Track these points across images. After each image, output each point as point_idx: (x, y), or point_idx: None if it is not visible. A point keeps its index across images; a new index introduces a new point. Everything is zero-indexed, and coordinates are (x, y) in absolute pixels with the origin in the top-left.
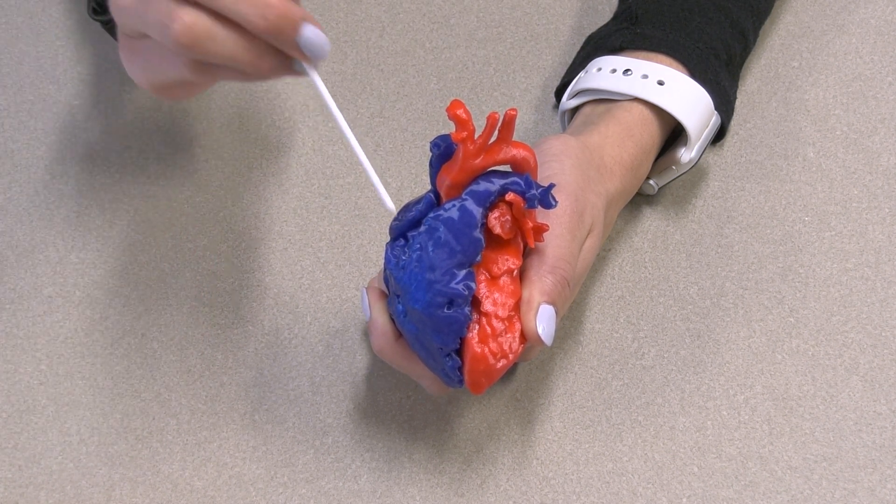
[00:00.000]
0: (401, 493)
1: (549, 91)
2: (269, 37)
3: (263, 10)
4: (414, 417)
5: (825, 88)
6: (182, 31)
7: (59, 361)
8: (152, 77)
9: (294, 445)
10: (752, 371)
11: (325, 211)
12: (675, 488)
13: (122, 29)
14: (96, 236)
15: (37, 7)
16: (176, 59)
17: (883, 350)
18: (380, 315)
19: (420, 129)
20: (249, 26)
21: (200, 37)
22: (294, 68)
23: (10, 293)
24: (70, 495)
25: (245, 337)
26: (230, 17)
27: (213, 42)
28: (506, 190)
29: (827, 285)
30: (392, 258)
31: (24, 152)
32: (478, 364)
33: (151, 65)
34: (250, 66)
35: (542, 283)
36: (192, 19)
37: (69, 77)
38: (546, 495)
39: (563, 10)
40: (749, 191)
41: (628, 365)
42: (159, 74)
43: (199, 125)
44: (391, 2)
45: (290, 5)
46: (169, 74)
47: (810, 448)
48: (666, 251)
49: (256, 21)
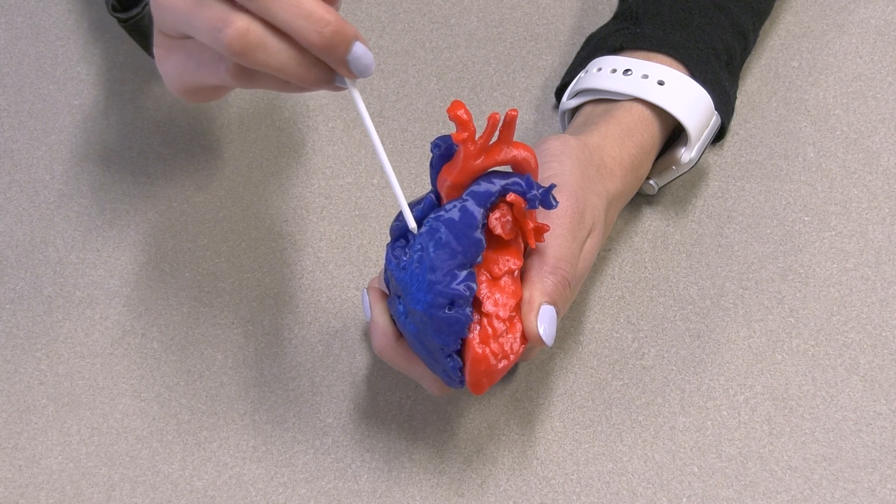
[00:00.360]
0: (401, 493)
1: (549, 91)
2: (320, 52)
3: (319, 26)
4: (414, 417)
5: (825, 88)
6: (235, 37)
7: (59, 361)
8: (187, 79)
9: (294, 445)
10: (752, 371)
11: (325, 211)
12: (675, 488)
13: (162, 27)
14: (96, 236)
15: (37, 7)
16: (218, 63)
17: (883, 350)
18: (380, 316)
19: (420, 129)
20: (303, 40)
21: (252, 44)
22: (335, 83)
23: (10, 293)
24: (70, 495)
25: (245, 337)
26: (284, 29)
27: (263, 51)
28: (506, 190)
29: (827, 285)
30: (393, 259)
31: (24, 152)
32: (479, 365)
33: (189, 67)
34: (296, 78)
35: (543, 284)
36: (246, 26)
37: (69, 77)
38: (546, 495)
39: (563, 10)
40: (749, 191)
41: (628, 365)
42: (196, 77)
43: (199, 125)
44: (391, 2)
45: (344, 23)
46: (207, 78)
47: (810, 448)
48: (666, 251)
49: (311, 36)
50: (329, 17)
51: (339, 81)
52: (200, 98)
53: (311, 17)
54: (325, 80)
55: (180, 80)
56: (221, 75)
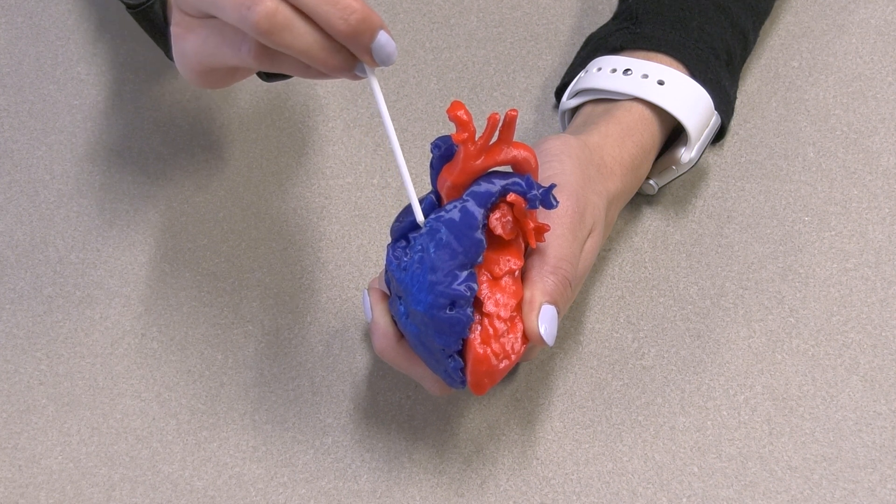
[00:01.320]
0: (401, 493)
1: (549, 91)
2: (346, 39)
3: (346, 14)
4: (414, 417)
5: (825, 88)
6: (263, 17)
7: (59, 361)
8: (206, 59)
9: (294, 445)
10: (752, 371)
11: (325, 211)
12: (675, 488)
13: (184, 6)
14: (96, 236)
15: (37, 7)
16: (241, 43)
17: (883, 350)
18: (381, 316)
19: (420, 129)
20: (329, 27)
21: (280, 25)
22: (355, 71)
23: (10, 293)
24: (70, 495)
25: (245, 337)
26: (311, 14)
27: (290, 33)
28: (507, 191)
29: (827, 285)
30: (393, 259)
31: (24, 152)
32: (480, 365)
33: (208, 47)
34: (319, 63)
35: (544, 284)
36: (275, 6)
37: (69, 77)
38: (546, 495)
39: (563, 10)
40: (749, 191)
41: (628, 365)
42: (215, 57)
43: (199, 125)
44: (391, 2)
45: (370, 11)
46: (227, 58)
47: (810, 448)
48: (666, 251)
49: (337, 23)
50: (356, 5)
51: (359, 70)
52: (213, 81)
53: (338, 3)
54: (348, 66)
55: (198, 61)
56: (243, 55)
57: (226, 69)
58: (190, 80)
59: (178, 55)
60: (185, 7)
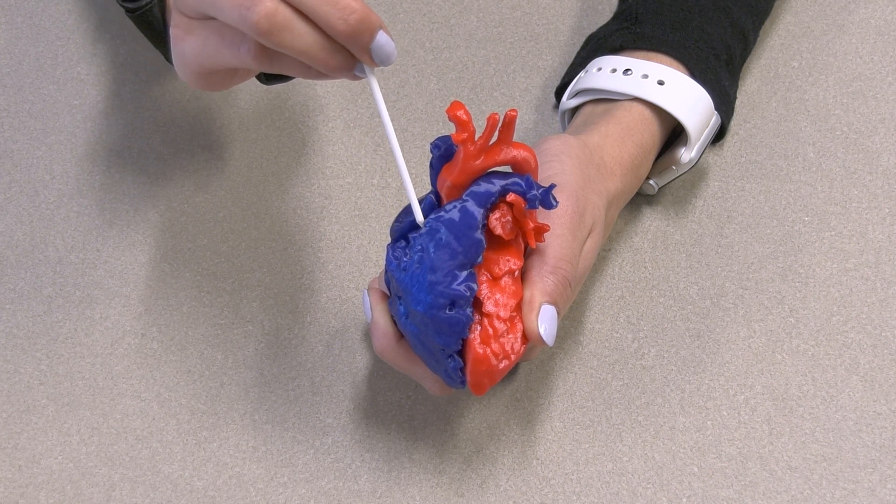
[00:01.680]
0: (401, 493)
1: (549, 91)
2: (345, 39)
3: (345, 14)
4: (414, 417)
5: (825, 88)
6: (263, 17)
7: (59, 361)
8: (204, 60)
9: (294, 445)
10: (752, 371)
11: (325, 211)
12: (675, 488)
13: (183, 8)
14: (96, 236)
15: (37, 7)
16: (241, 44)
17: (883, 350)
18: (381, 316)
19: (420, 129)
20: (329, 27)
21: (280, 25)
22: (354, 71)
23: (10, 293)
24: (70, 495)
25: (245, 337)
26: (310, 14)
27: (290, 33)
28: (506, 191)
29: (827, 285)
30: (393, 260)
31: (24, 152)
32: (480, 365)
33: (208, 48)
34: (319, 63)
35: (544, 284)
36: (275, 7)
37: (69, 77)
38: (546, 495)
39: (563, 10)
40: (749, 191)
41: (628, 365)
42: (214, 58)
43: (199, 125)
44: (391, 2)
45: (369, 11)
46: (226, 59)
47: (810, 448)
48: (666, 251)
49: (337, 23)
50: (355, 5)
51: (358, 71)
52: (212, 83)
53: (337, 4)
54: (347, 67)
55: (197, 62)
56: (242, 56)
57: (225, 71)
58: (189, 82)
59: (177, 57)
60: (185, 9)
